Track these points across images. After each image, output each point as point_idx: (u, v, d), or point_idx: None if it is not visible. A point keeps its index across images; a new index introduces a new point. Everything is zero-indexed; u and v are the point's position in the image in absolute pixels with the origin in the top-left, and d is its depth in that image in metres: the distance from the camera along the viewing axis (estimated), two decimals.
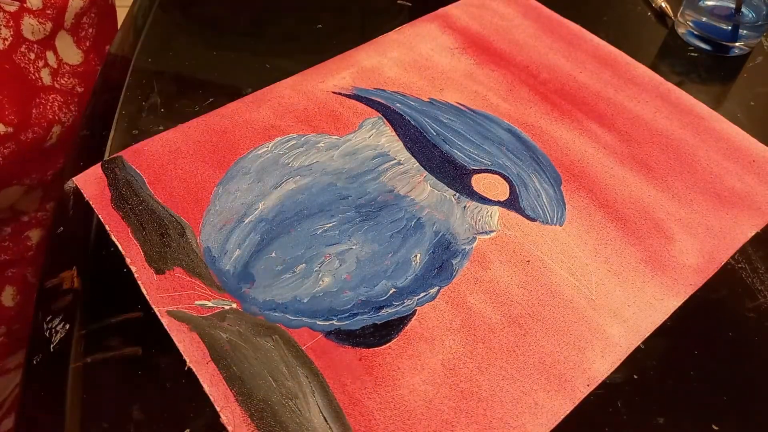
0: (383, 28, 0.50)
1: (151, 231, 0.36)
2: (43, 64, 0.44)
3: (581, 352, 0.32)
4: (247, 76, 0.46)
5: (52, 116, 0.45)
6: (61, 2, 0.45)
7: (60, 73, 0.46)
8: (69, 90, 0.47)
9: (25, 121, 0.43)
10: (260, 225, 0.36)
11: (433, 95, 0.45)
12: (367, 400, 0.30)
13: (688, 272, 0.36)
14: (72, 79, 0.47)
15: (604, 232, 0.37)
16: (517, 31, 0.51)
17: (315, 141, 0.41)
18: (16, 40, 0.42)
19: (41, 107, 0.44)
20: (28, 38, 0.43)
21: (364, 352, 0.31)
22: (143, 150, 0.40)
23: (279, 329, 0.32)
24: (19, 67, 0.42)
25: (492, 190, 0.39)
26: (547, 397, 0.30)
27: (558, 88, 0.46)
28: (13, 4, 0.41)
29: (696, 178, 0.41)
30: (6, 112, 0.42)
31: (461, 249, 0.36)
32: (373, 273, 0.34)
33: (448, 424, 0.29)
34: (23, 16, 0.42)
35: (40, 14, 0.43)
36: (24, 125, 0.43)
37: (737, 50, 0.50)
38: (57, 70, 0.46)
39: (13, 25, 0.42)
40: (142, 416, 0.30)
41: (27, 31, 0.43)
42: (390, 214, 0.37)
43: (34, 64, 0.44)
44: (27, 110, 0.43)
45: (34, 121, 0.44)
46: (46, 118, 0.45)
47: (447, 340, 0.32)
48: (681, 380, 0.32)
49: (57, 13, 0.45)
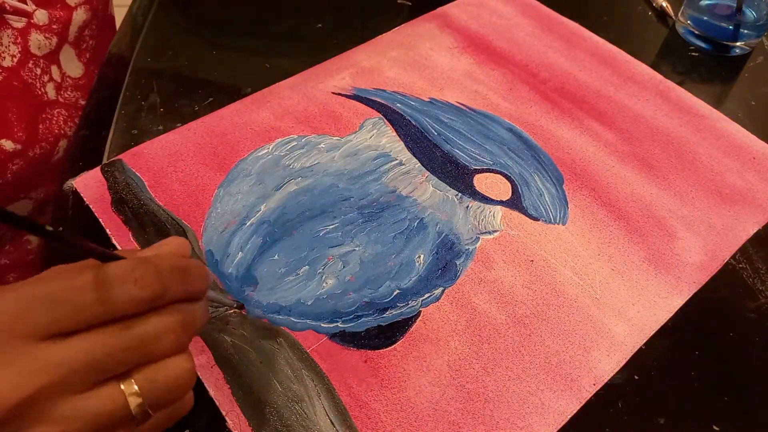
0: (383, 28, 0.50)
1: (152, 234, 0.35)
2: (48, 78, 0.44)
3: (587, 351, 0.32)
4: (247, 76, 0.46)
5: (58, 131, 0.45)
6: (65, 16, 0.45)
7: (63, 87, 0.46)
8: (73, 103, 0.47)
9: (33, 137, 0.43)
10: (262, 227, 0.36)
11: (433, 95, 0.45)
12: (374, 402, 0.30)
13: (691, 270, 0.36)
14: (75, 93, 0.47)
15: (607, 230, 0.37)
16: (516, 30, 0.51)
17: (316, 142, 0.41)
18: (24, 56, 0.42)
19: (47, 122, 0.44)
20: (35, 54, 0.43)
21: (369, 354, 0.31)
22: (143, 153, 0.40)
23: (283, 332, 0.32)
24: (26, 83, 0.42)
25: (494, 190, 0.39)
26: (553, 397, 0.30)
27: (558, 87, 0.46)
28: (20, 20, 0.41)
29: (697, 176, 0.41)
30: (15, 129, 0.42)
31: (465, 249, 0.36)
32: (376, 274, 0.34)
33: (454, 426, 0.29)
34: (30, 32, 0.42)
35: (47, 29, 0.43)
36: (32, 141, 0.43)
37: (738, 50, 0.50)
38: (61, 84, 0.46)
39: (21, 42, 0.41)
40: None
41: (34, 47, 0.42)
42: (392, 215, 0.37)
43: (40, 79, 0.43)
44: (34, 126, 0.43)
45: (41, 136, 0.44)
46: (52, 133, 0.45)
47: (452, 341, 0.32)
48: (682, 380, 0.32)
49: (62, 28, 0.45)
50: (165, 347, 0.21)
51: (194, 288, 0.23)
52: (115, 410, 0.21)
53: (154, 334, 0.21)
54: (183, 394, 0.23)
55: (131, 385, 0.21)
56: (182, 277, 0.22)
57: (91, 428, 0.20)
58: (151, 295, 0.21)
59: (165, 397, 0.22)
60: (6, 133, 0.41)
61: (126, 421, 0.21)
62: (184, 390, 0.23)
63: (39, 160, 0.44)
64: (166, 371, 0.22)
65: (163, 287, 0.21)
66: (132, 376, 0.21)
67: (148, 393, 0.21)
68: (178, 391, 0.22)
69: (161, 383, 0.22)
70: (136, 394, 0.21)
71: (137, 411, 0.21)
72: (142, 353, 0.21)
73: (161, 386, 0.22)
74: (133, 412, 0.21)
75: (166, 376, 0.22)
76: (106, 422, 0.21)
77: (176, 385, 0.22)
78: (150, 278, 0.21)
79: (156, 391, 0.21)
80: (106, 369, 0.20)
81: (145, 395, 0.21)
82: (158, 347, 0.21)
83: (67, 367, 0.20)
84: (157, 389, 0.21)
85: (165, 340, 0.21)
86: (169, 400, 0.22)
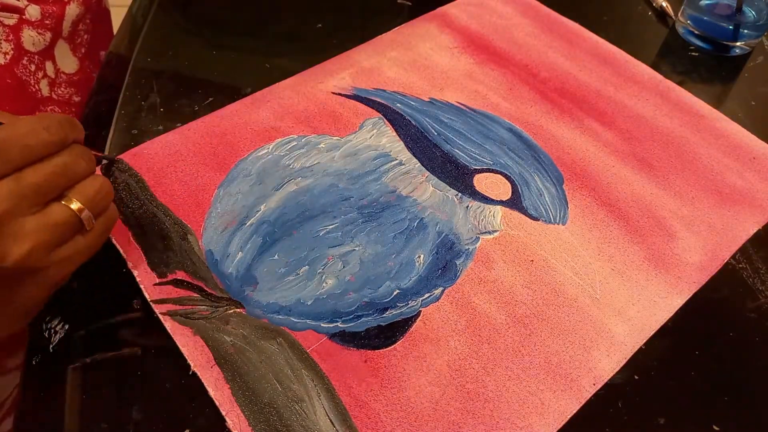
0: (383, 28, 0.50)
1: (152, 234, 0.35)
2: (43, 75, 0.44)
3: (587, 351, 0.32)
4: (247, 75, 0.46)
5: None
6: (58, 11, 0.45)
7: (57, 83, 0.46)
8: (66, 100, 0.47)
9: None
10: (262, 227, 0.36)
11: (433, 95, 0.45)
12: (374, 402, 0.30)
13: (691, 270, 0.36)
14: (68, 89, 0.47)
15: (607, 230, 0.37)
16: (516, 30, 0.51)
17: (316, 142, 0.41)
18: (17, 53, 0.41)
19: None
20: (29, 50, 0.42)
21: (369, 353, 0.31)
22: (143, 153, 0.40)
23: (283, 332, 0.32)
24: (20, 80, 0.42)
25: (494, 190, 0.39)
26: (553, 397, 0.30)
27: (558, 87, 0.46)
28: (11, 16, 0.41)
29: (697, 176, 0.41)
30: None
31: (465, 249, 0.36)
32: (376, 274, 0.34)
33: (455, 425, 0.29)
34: (23, 28, 0.42)
35: (39, 25, 0.43)
36: None
37: (738, 50, 0.50)
38: (54, 80, 0.45)
39: (13, 39, 0.41)
40: (142, 416, 0.29)
41: (27, 43, 0.42)
42: (392, 214, 0.37)
43: (35, 75, 0.43)
44: None
45: None
46: None
47: (452, 340, 0.32)
48: (682, 380, 0.32)
49: (55, 23, 0.44)
50: (81, 170, 0.28)
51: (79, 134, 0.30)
52: (67, 219, 0.27)
53: (70, 162, 0.28)
54: (109, 200, 0.30)
55: (70, 199, 0.28)
56: (72, 125, 0.29)
57: (53, 237, 0.27)
58: (60, 139, 0.27)
59: (98, 203, 0.29)
60: None
61: (78, 227, 0.28)
62: (109, 197, 0.30)
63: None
64: (90, 185, 0.29)
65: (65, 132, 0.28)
66: (67, 195, 0.28)
67: (85, 201, 0.28)
68: (106, 197, 0.29)
69: (91, 193, 0.28)
70: (76, 202, 0.28)
71: (84, 215, 0.28)
72: (67, 177, 0.27)
73: (92, 195, 0.28)
74: (81, 217, 0.28)
75: (92, 187, 0.29)
76: (63, 230, 0.27)
77: (103, 192, 0.29)
78: (55, 126, 0.27)
79: (89, 199, 0.28)
80: (45, 192, 0.27)
81: (83, 203, 0.28)
82: (76, 170, 0.28)
83: (17, 194, 0.25)
84: (90, 197, 0.28)
85: (78, 165, 0.28)
86: (102, 205, 0.29)
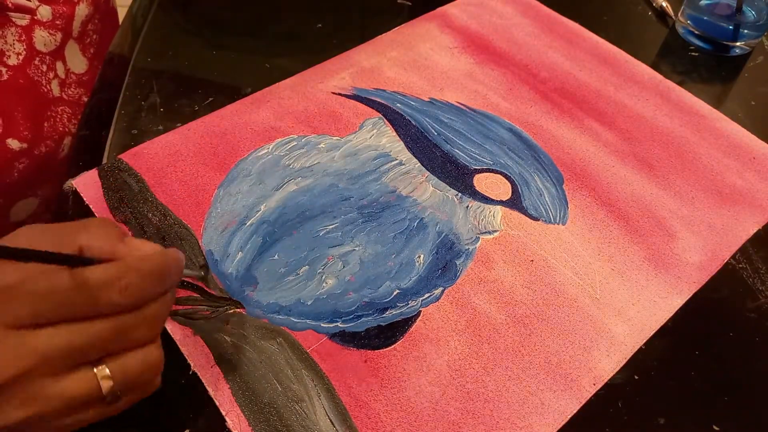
0: (383, 28, 0.50)
1: (152, 234, 0.35)
2: (54, 75, 0.44)
3: (587, 351, 0.32)
4: (247, 75, 0.46)
5: (62, 128, 0.45)
6: (69, 11, 0.45)
7: (67, 84, 0.46)
8: (76, 100, 0.47)
9: (38, 135, 0.43)
10: (262, 227, 0.36)
11: (433, 95, 0.45)
12: (374, 402, 0.30)
13: (691, 270, 0.36)
14: (78, 89, 0.47)
15: (607, 230, 0.37)
16: (516, 30, 0.51)
17: (315, 142, 0.41)
18: (29, 53, 0.42)
19: (52, 120, 0.44)
20: (41, 50, 0.43)
21: (369, 353, 0.31)
22: (143, 153, 0.40)
23: (283, 332, 0.32)
24: (32, 80, 0.42)
25: (494, 190, 0.39)
26: (553, 396, 0.30)
27: (558, 87, 0.46)
28: (24, 17, 0.41)
29: (697, 176, 0.41)
30: (21, 128, 0.42)
31: (465, 249, 0.36)
32: (376, 274, 0.34)
33: (454, 425, 0.29)
34: (35, 28, 0.42)
35: (51, 25, 0.43)
36: (37, 139, 0.43)
37: (738, 50, 0.50)
38: (65, 80, 0.45)
39: (25, 39, 0.41)
40: (142, 416, 0.29)
41: (39, 44, 0.42)
42: (392, 214, 0.37)
43: (46, 76, 0.43)
44: (40, 124, 0.43)
45: (46, 134, 0.44)
46: (57, 131, 0.45)
47: (452, 340, 0.32)
48: (681, 380, 0.32)
49: (66, 23, 0.45)
50: (138, 338, 0.23)
51: (171, 285, 0.24)
52: (89, 393, 0.22)
53: (129, 327, 0.23)
54: (152, 379, 0.24)
55: (104, 369, 0.22)
56: (162, 279, 0.23)
57: (65, 408, 0.22)
58: (133, 303, 0.22)
59: (134, 382, 0.23)
60: (12, 132, 0.41)
61: (97, 402, 0.23)
62: (153, 375, 0.24)
63: (45, 158, 0.44)
64: (136, 359, 0.23)
65: (144, 296, 0.23)
66: (105, 362, 0.23)
67: (120, 377, 0.23)
68: (148, 376, 0.24)
69: (132, 370, 0.23)
70: (108, 377, 0.22)
71: (108, 393, 0.23)
72: (116, 344, 0.23)
73: (132, 372, 0.23)
74: (104, 394, 0.23)
75: (136, 363, 0.23)
76: (79, 403, 0.22)
77: (146, 372, 0.24)
78: (134, 288, 0.22)
79: (127, 376, 0.23)
80: (81, 357, 0.22)
81: (116, 379, 0.23)
82: (132, 338, 0.23)
83: (46, 354, 0.21)
84: (128, 375, 0.23)
85: (138, 332, 0.23)
86: (138, 384, 0.24)
